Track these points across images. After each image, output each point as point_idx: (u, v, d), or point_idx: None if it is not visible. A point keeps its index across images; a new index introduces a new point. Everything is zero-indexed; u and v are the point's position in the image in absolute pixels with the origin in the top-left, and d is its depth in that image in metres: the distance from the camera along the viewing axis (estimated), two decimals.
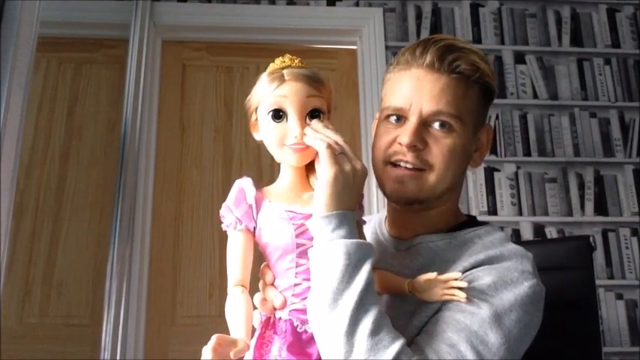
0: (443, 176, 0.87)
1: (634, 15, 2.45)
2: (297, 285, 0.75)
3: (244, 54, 2.31)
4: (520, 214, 2.18)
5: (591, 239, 1.40)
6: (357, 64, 2.34)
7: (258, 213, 0.76)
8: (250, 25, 2.29)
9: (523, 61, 2.36)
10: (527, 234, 2.15)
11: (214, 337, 0.65)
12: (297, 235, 0.75)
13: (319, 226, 0.74)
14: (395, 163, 0.88)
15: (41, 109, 2.09)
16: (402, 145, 0.86)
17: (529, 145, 2.26)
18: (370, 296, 0.72)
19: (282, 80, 0.76)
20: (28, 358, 1.82)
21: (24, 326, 1.91)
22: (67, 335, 1.95)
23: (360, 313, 0.70)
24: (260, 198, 0.77)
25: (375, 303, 0.72)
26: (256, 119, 0.80)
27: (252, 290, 0.78)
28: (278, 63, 0.78)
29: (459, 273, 0.75)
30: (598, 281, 1.98)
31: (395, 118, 0.90)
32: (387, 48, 2.28)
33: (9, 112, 1.18)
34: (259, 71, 0.81)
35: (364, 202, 0.85)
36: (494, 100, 0.97)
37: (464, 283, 0.74)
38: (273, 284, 0.77)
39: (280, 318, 0.75)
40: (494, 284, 0.79)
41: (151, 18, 2.22)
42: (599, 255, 2.14)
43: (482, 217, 1.00)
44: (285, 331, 0.73)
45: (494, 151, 2.23)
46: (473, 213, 1.98)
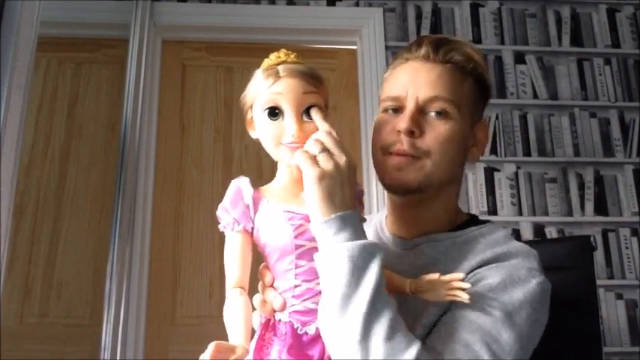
0: (439, 163, 0.87)
1: (634, 15, 2.45)
2: (297, 286, 0.73)
3: (244, 54, 2.31)
4: (520, 214, 2.18)
5: (592, 239, 1.40)
6: (357, 64, 2.34)
7: (255, 213, 0.75)
8: (250, 25, 2.29)
9: (523, 61, 2.36)
10: (527, 234, 2.15)
11: (212, 345, 0.64)
12: (296, 236, 0.73)
13: (321, 233, 0.72)
14: (393, 152, 0.88)
15: (41, 109, 2.09)
16: (399, 133, 0.87)
17: (529, 145, 2.26)
18: (381, 298, 0.70)
19: (277, 77, 0.74)
20: (28, 358, 1.82)
21: (24, 326, 1.91)
22: (67, 335, 1.95)
23: (373, 316, 0.68)
24: (257, 198, 0.76)
25: (387, 304, 0.70)
26: (252, 117, 0.78)
27: (252, 292, 0.76)
28: (273, 58, 0.76)
29: (462, 274, 0.74)
30: (598, 281, 1.98)
31: (392, 109, 0.90)
32: (387, 48, 2.28)
33: (9, 112, 1.18)
34: None
35: (364, 199, 0.84)
36: (490, 99, 0.98)
37: (467, 284, 0.72)
38: (272, 285, 0.76)
39: (280, 320, 0.74)
40: (503, 283, 0.78)
41: (151, 18, 2.22)
42: (599, 255, 2.14)
43: (483, 217, 1.00)
44: (285, 334, 0.72)
45: (494, 151, 2.23)
46: (473, 213, 1.97)
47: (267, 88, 0.74)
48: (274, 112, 0.74)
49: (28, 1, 1.26)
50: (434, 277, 0.73)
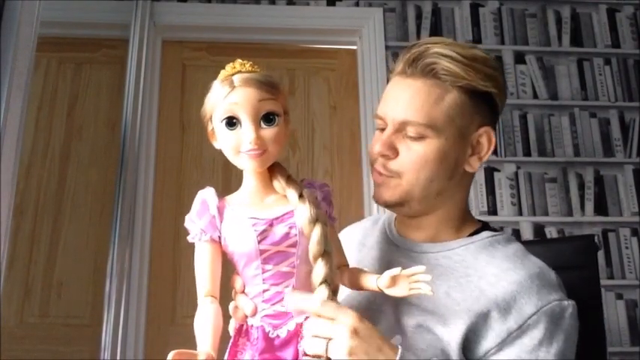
0: (415, 181, 0.87)
1: (634, 15, 2.46)
2: (265, 291, 0.74)
3: (244, 54, 2.27)
4: (520, 214, 2.18)
5: (596, 239, 1.40)
6: (357, 64, 2.34)
7: (222, 222, 0.76)
8: (250, 25, 2.28)
9: (523, 61, 2.36)
10: (527, 234, 2.15)
11: (172, 353, 0.65)
12: (260, 241, 0.73)
13: None
14: (374, 169, 0.92)
15: (41, 109, 2.09)
16: None
17: (529, 145, 2.26)
18: None
19: (232, 87, 0.74)
20: (28, 358, 1.82)
21: (24, 326, 1.91)
22: (67, 335, 1.95)
23: None
24: (222, 207, 0.77)
25: None
26: (212, 128, 0.79)
27: (227, 300, 0.77)
28: (228, 69, 0.76)
29: (423, 267, 0.72)
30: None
31: (381, 125, 0.92)
32: (387, 48, 2.28)
33: (9, 112, 1.18)
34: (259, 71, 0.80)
35: (334, 215, 0.82)
36: (502, 99, 0.97)
37: (428, 276, 0.72)
38: (244, 292, 0.77)
39: (252, 325, 0.75)
40: (548, 333, 0.79)
41: (151, 18, 2.21)
42: (599, 255, 2.14)
43: (482, 217, 1.00)
44: (257, 338, 0.73)
45: (494, 151, 2.22)
46: (473, 213, 1.97)
47: (224, 98, 0.74)
48: (232, 122, 0.75)
49: (28, 1, 1.26)
50: (396, 272, 0.73)
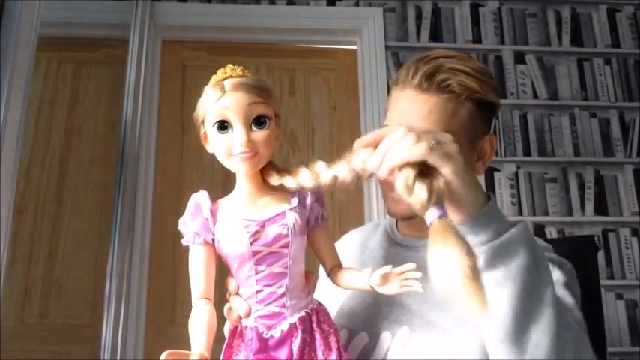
0: None
1: (634, 15, 2.46)
2: (259, 292, 0.76)
3: (244, 54, 2.31)
4: (520, 214, 2.18)
5: (596, 239, 1.40)
6: (357, 64, 2.34)
7: (215, 224, 0.77)
8: (250, 25, 2.28)
9: (523, 61, 2.36)
10: None
11: (164, 354, 0.66)
12: (252, 242, 0.74)
13: (492, 218, 0.74)
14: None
15: (41, 109, 2.08)
16: None
17: (529, 145, 2.26)
18: None
19: (223, 91, 0.75)
20: (28, 358, 1.82)
21: (24, 326, 1.91)
22: (67, 335, 1.94)
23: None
24: (215, 209, 0.78)
25: None
26: (205, 133, 0.80)
27: (222, 301, 0.78)
28: (219, 74, 0.77)
29: (414, 264, 0.73)
30: None
31: None
32: (387, 48, 2.28)
33: (9, 112, 1.18)
34: (259, 71, 0.81)
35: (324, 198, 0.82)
36: (499, 107, 0.98)
37: (418, 273, 0.72)
38: (238, 293, 0.78)
39: (246, 326, 0.76)
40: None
41: (151, 18, 2.22)
42: (599, 255, 2.14)
43: None
44: (251, 339, 0.74)
45: None
46: None
47: (215, 103, 0.76)
48: (223, 126, 0.76)
49: (28, 1, 1.26)
50: (386, 270, 0.73)
